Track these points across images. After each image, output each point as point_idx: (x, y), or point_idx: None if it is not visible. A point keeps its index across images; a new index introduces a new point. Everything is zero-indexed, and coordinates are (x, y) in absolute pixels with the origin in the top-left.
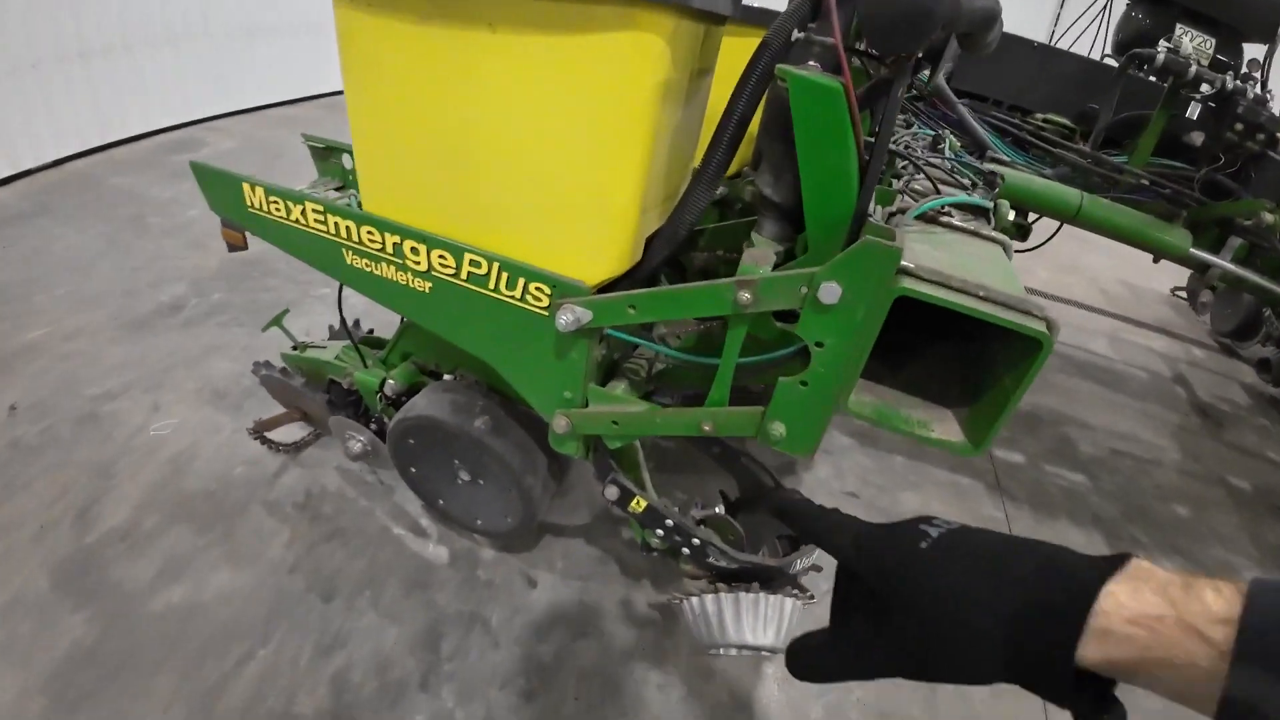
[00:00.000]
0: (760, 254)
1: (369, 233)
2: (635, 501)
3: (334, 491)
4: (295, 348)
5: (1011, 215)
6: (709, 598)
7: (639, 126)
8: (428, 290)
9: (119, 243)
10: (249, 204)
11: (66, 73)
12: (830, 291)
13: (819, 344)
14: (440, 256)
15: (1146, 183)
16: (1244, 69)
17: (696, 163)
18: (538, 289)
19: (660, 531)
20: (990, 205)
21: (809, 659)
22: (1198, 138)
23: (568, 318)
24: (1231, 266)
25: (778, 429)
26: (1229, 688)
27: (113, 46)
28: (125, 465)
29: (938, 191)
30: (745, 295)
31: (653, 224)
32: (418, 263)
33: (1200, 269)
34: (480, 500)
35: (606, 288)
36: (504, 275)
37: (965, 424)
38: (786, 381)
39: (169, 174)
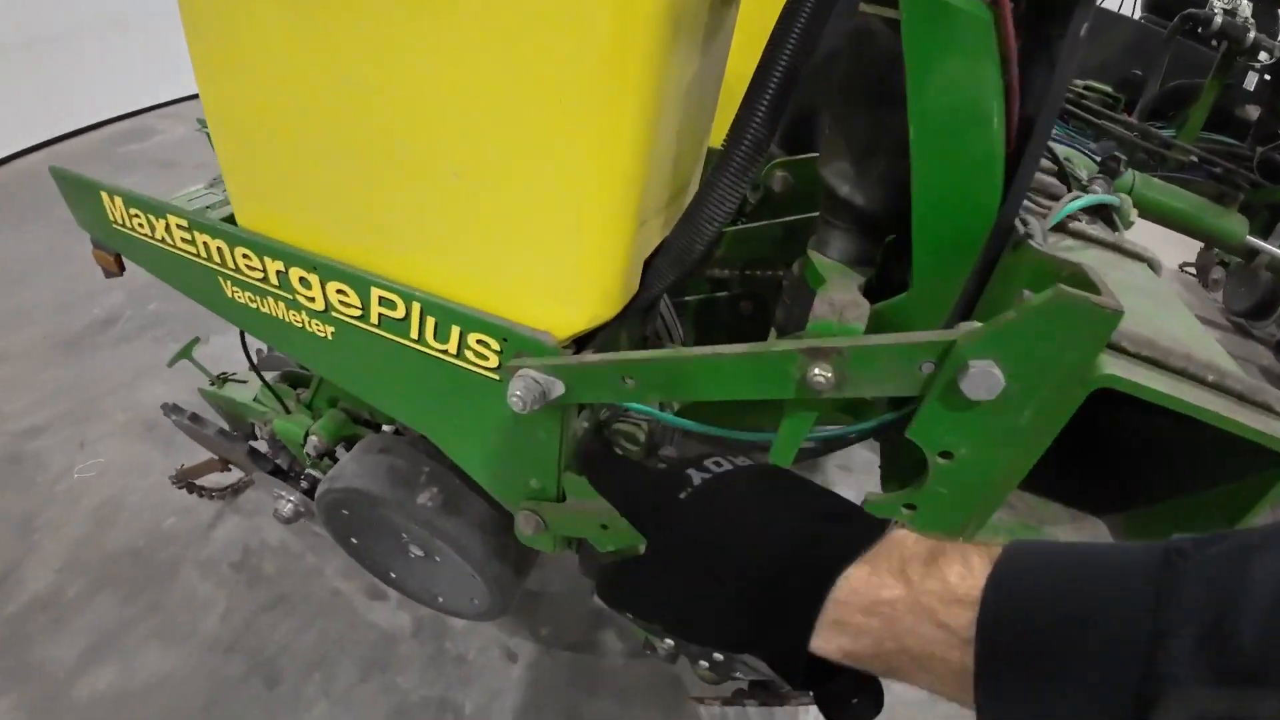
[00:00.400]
0: (843, 297)
1: (245, 257)
2: None
3: (275, 546)
4: (214, 382)
5: (1134, 214)
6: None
7: (634, 85)
8: (329, 336)
9: (58, 249)
10: (111, 218)
11: (9, 64)
12: (983, 379)
13: (946, 454)
14: (339, 292)
15: (1196, 159)
16: None
17: (714, 142)
18: (481, 343)
19: (669, 642)
20: (1119, 203)
21: (610, 579)
22: (1253, 111)
23: (525, 392)
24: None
25: None
26: (977, 694)
27: (59, 34)
28: (48, 518)
29: (1067, 186)
30: (822, 374)
31: (654, 237)
32: (311, 299)
33: (1248, 256)
34: (440, 578)
35: (587, 336)
36: (430, 321)
37: (1127, 538)
38: (880, 502)
39: (118, 166)
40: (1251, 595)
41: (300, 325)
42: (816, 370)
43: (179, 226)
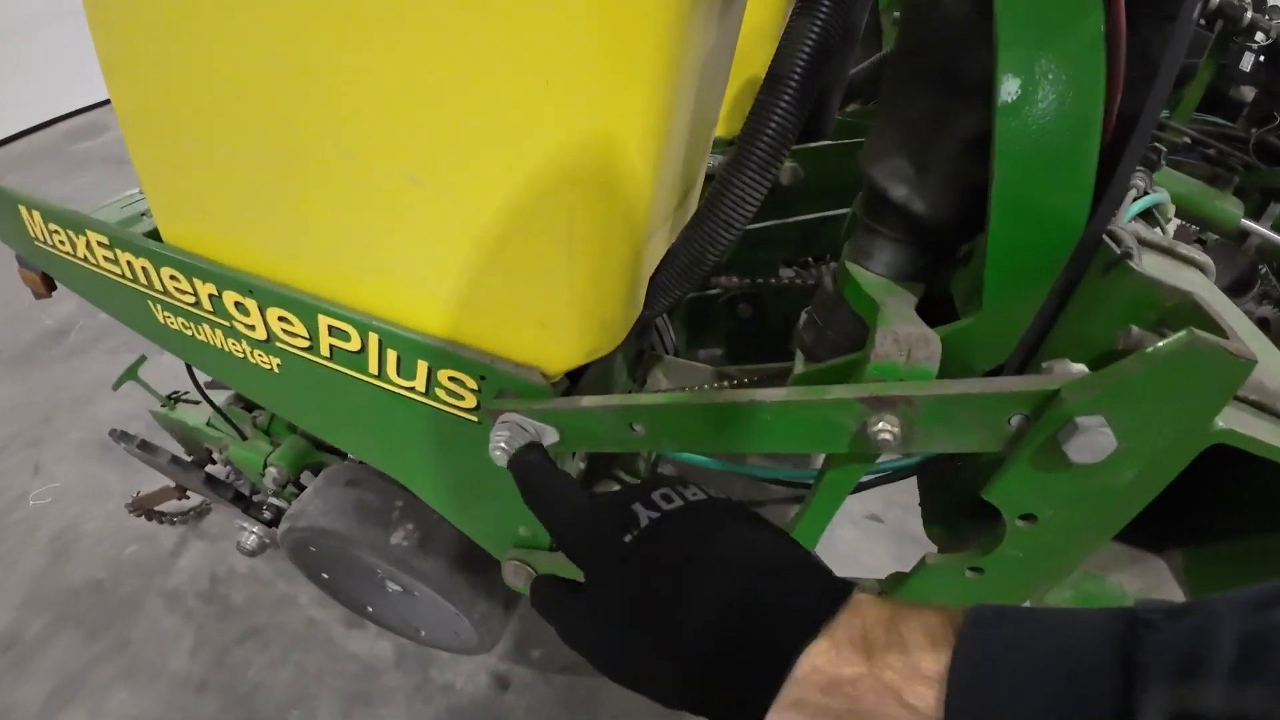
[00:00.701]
0: (910, 331)
1: (173, 278)
2: None
3: (244, 573)
4: (165, 403)
5: (1172, 210)
6: None
7: (646, 59)
8: (275, 369)
9: (7, 254)
10: (31, 233)
11: None
12: (1092, 441)
13: (1028, 517)
14: (281, 319)
15: (1189, 141)
16: None
17: (720, 130)
18: (454, 380)
19: None
20: (1166, 199)
21: (545, 596)
22: (1247, 93)
23: (510, 443)
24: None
25: None
26: None
27: (6, 27)
28: (4, 551)
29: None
30: (887, 429)
31: (660, 248)
32: (250, 326)
33: (1240, 239)
34: (421, 613)
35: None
36: (391, 355)
37: (1188, 578)
38: (943, 565)
39: (69, 166)
40: (1219, 674)
41: (241, 356)
42: (882, 425)
43: (100, 244)
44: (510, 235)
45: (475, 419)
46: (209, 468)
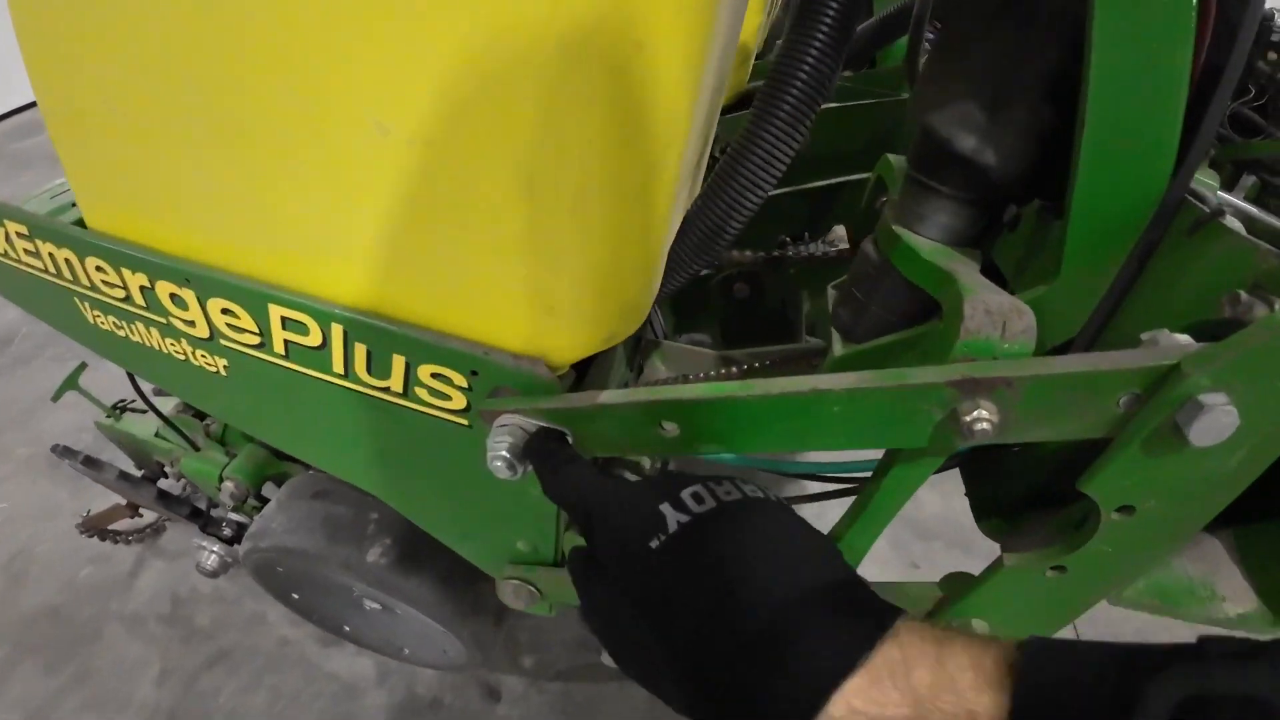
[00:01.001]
0: (1000, 301)
1: (99, 270)
2: None
3: (208, 593)
4: (110, 413)
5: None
6: None
7: None
8: (222, 371)
9: None
10: None
11: None
12: (1217, 420)
13: (1126, 509)
14: (225, 313)
15: None
16: None
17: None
18: (439, 377)
19: None
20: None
21: (577, 569)
22: None
23: (513, 451)
24: (1255, 210)
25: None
26: None
27: None
28: None
29: None
30: (985, 417)
31: (679, 214)
32: (189, 323)
33: (1215, 213)
34: (404, 632)
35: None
36: (359, 349)
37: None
38: (1019, 568)
39: (11, 165)
40: None
41: (182, 358)
42: (978, 413)
43: (19, 234)
44: (508, 198)
45: (465, 423)
46: (161, 482)
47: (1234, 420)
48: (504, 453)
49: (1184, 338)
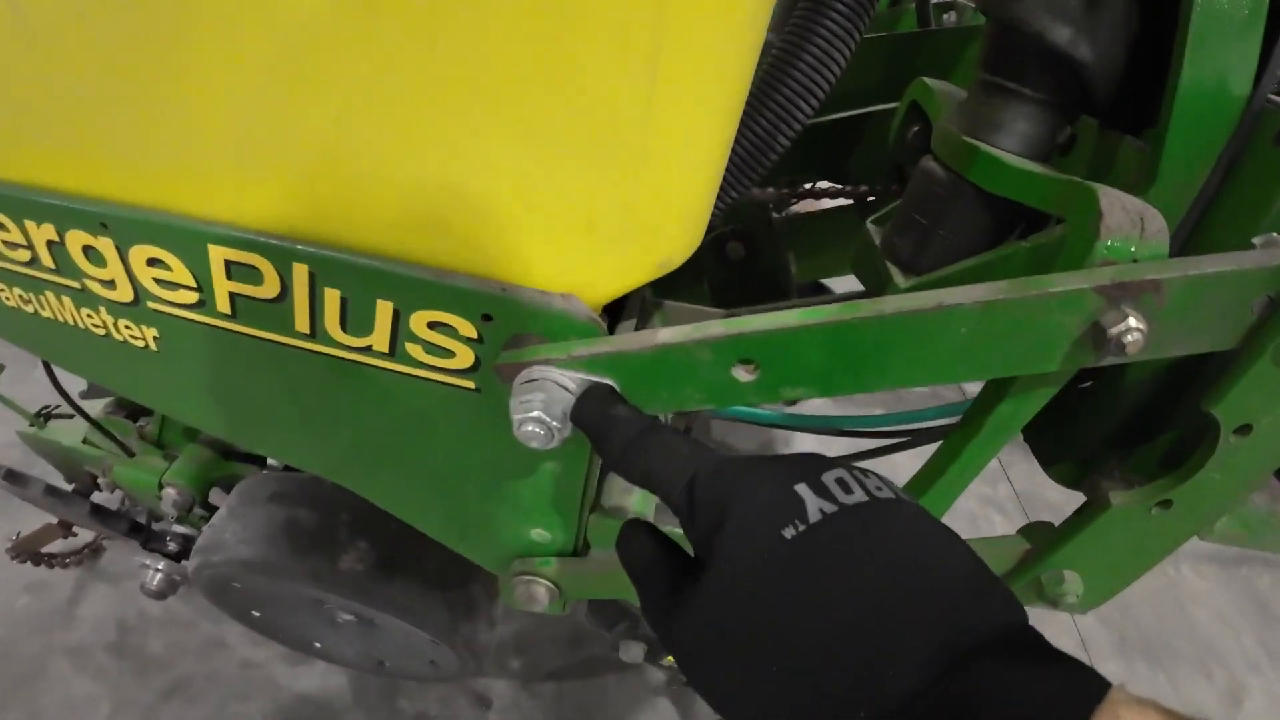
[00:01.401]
0: (1134, 200)
1: None
2: None
3: (159, 616)
4: (34, 421)
5: None
6: None
7: None
8: (153, 344)
9: None
10: None
11: None
12: None
13: (1244, 429)
14: (153, 263)
15: None
16: None
17: None
18: (439, 327)
19: None
20: None
21: (643, 556)
22: None
23: (549, 411)
24: None
25: (1067, 584)
26: None
27: None
28: None
29: None
30: (1135, 326)
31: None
32: (109, 283)
33: None
34: (384, 644)
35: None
36: (330, 296)
37: None
38: (1128, 506)
39: None
40: None
41: (103, 332)
42: (1129, 322)
43: None
44: (536, 66)
45: (471, 385)
46: (95, 495)
47: None
48: (537, 414)
49: None
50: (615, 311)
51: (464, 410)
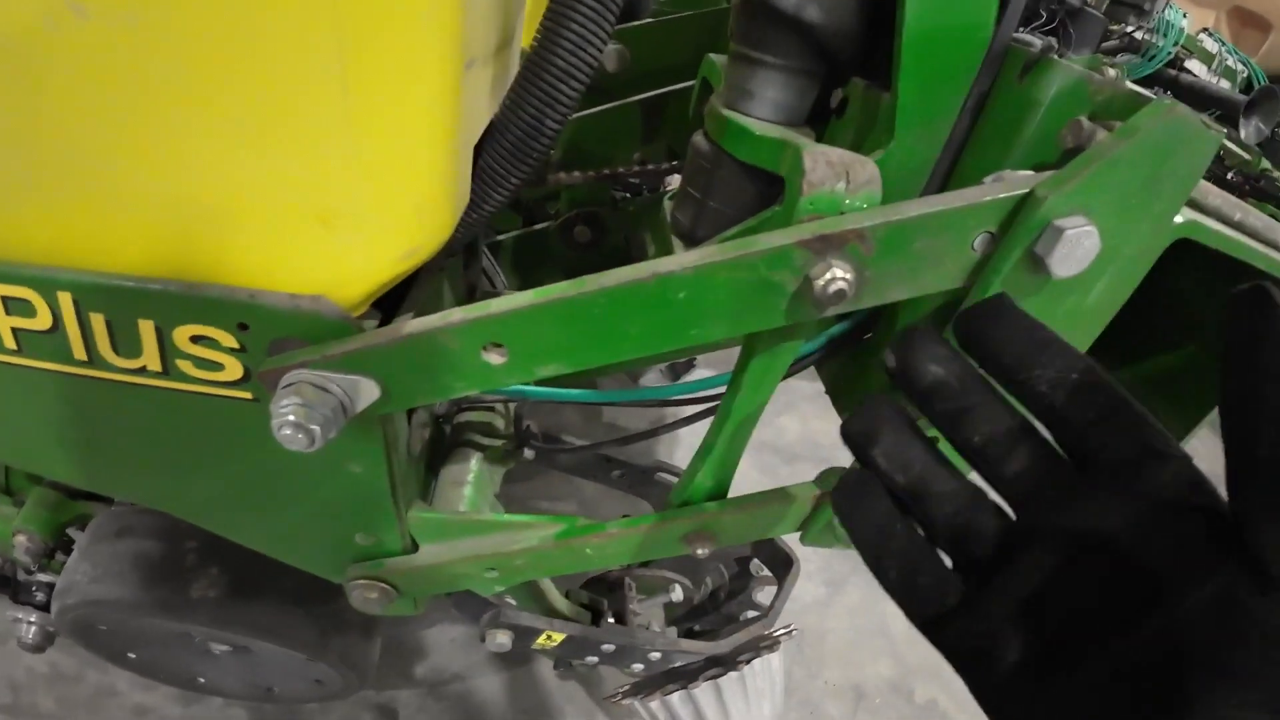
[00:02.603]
0: (842, 154)
1: None
2: (544, 637)
3: (46, 672)
4: None
5: None
6: (677, 696)
7: None
8: None
9: None
10: None
11: None
12: (1078, 245)
13: None
14: None
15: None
16: None
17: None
18: (201, 340)
19: (593, 658)
20: None
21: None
22: None
23: (304, 412)
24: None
25: None
26: None
27: None
28: None
29: None
30: (840, 275)
31: (481, 105)
32: None
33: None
34: (266, 669)
35: (389, 296)
36: (97, 321)
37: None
38: None
39: None
40: None
41: None
42: (832, 273)
43: None
44: (241, 65)
45: (248, 395)
46: None
47: (1095, 244)
48: (291, 417)
49: (1028, 172)
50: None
51: (247, 422)
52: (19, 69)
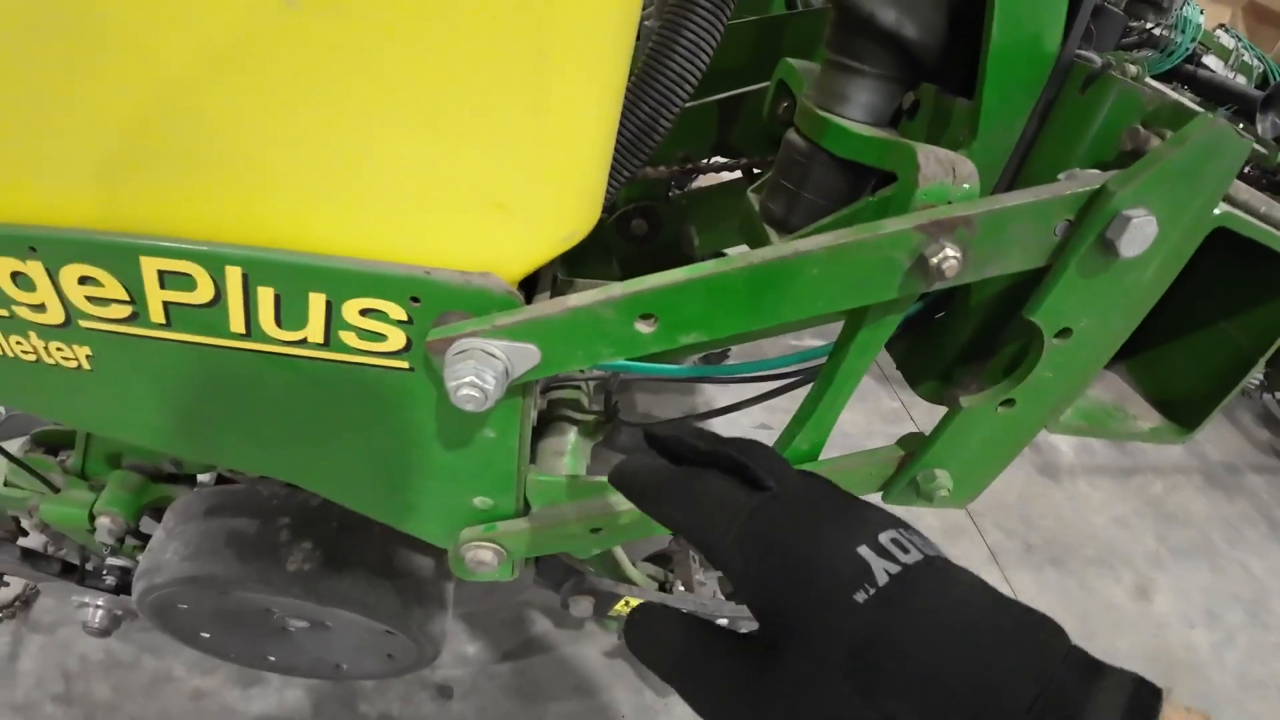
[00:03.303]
0: (946, 152)
1: None
2: (621, 604)
3: (101, 660)
4: None
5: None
6: None
7: None
8: (85, 364)
9: None
10: None
11: None
12: (1141, 231)
13: (1064, 333)
14: (85, 281)
15: None
16: None
17: None
18: (371, 313)
19: None
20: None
21: (676, 646)
22: None
23: (481, 377)
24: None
25: (939, 481)
26: None
27: None
28: None
29: None
30: (952, 254)
31: None
32: (39, 307)
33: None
34: (339, 645)
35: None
36: (265, 295)
37: (1143, 388)
38: (977, 408)
39: None
40: None
41: (33, 358)
42: (945, 252)
43: None
44: (442, 65)
45: (405, 365)
46: (22, 540)
47: (1154, 229)
48: (470, 379)
49: (1095, 171)
50: (531, 289)
51: (400, 390)
52: (225, 52)
